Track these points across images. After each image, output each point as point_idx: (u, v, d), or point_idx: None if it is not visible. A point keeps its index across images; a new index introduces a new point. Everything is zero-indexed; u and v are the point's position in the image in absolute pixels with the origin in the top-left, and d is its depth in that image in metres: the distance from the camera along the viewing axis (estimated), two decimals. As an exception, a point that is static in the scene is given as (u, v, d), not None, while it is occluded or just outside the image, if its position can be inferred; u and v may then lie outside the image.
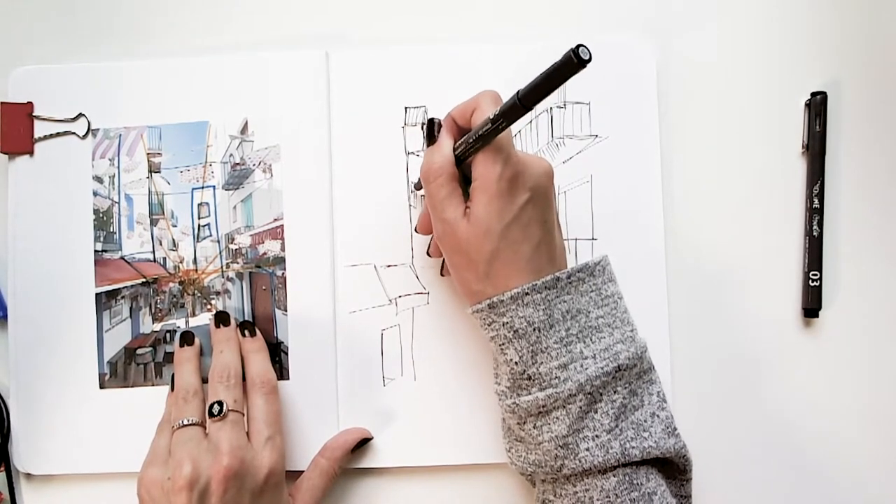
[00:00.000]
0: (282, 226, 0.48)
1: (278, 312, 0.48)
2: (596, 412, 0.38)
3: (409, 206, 0.49)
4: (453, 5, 0.50)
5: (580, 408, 0.38)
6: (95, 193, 0.49)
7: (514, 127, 0.48)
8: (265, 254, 0.48)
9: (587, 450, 0.38)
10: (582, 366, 0.39)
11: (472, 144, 0.39)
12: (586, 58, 0.32)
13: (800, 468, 0.48)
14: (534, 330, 0.39)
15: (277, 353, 0.48)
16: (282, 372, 0.48)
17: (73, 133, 0.49)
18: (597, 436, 0.38)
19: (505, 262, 0.39)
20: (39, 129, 0.49)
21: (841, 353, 0.48)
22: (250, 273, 0.49)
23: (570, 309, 0.40)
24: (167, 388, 0.47)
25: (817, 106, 0.48)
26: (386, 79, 0.49)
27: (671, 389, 0.47)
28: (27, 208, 0.49)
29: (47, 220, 0.49)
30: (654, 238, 0.48)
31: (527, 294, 0.39)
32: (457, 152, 0.40)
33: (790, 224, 0.49)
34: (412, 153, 0.49)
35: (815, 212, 0.48)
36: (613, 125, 0.48)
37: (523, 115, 0.36)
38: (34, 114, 0.49)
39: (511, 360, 0.40)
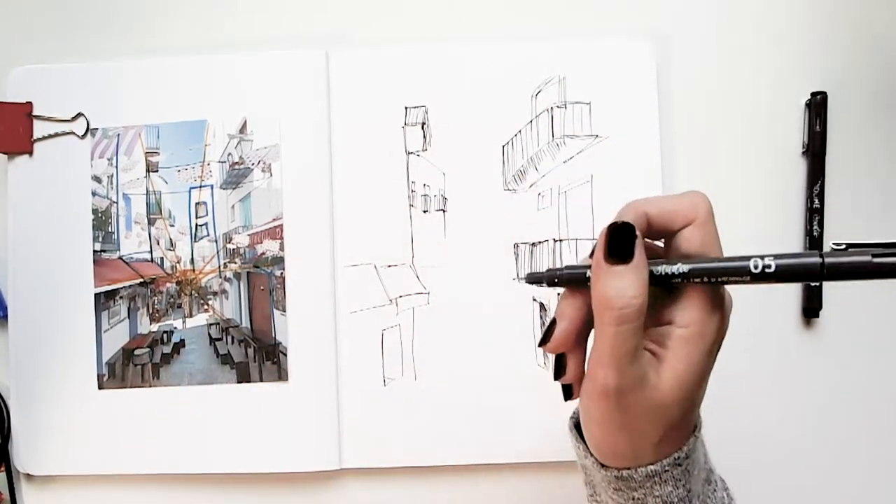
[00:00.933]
0: (281, 225, 0.48)
1: (276, 313, 0.48)
2: None
3: (409, 205, 0.48)
4: (453, 5, 0.50)
5: None
6: (94, 193, 0.49)
7: (514, 126, 0.48)
8: (263, 254, 0.48)
9: None
10: None
11: (696, 278, 0.29)
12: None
13: (799, 467, 0.48)
14: None
15: (276, 354, 0.48)
16: (280, 373, 0.47)
17: (72, 133, 0.49)
18: None
19: (683, 426, 0.31)
20: (38, 128, 0.49)
21: (841, 353, 0.48)
22: (248, 273, 0.48)
23: (700, 473, 0.32)
24: (165, 389, 0.47)
25: (817, 106, 0.48)
26: (386, 79, 0.49)
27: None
28: (27, 208, 0.49)
29: (47, 221, 0.49)
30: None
31: (667, 471, 0.30)
32: (657, 273, 0.29)
33: (790, 224, 0.49)
34: (412, 153, 0.49)
35: (815, 212, 0.48)
36: (613, 125, 0.48)
37: (803, 282, 0.30)
38: (33, 113, 0.49)
39: None
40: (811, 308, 0.48)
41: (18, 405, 0.48)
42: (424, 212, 0.48)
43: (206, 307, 0.49)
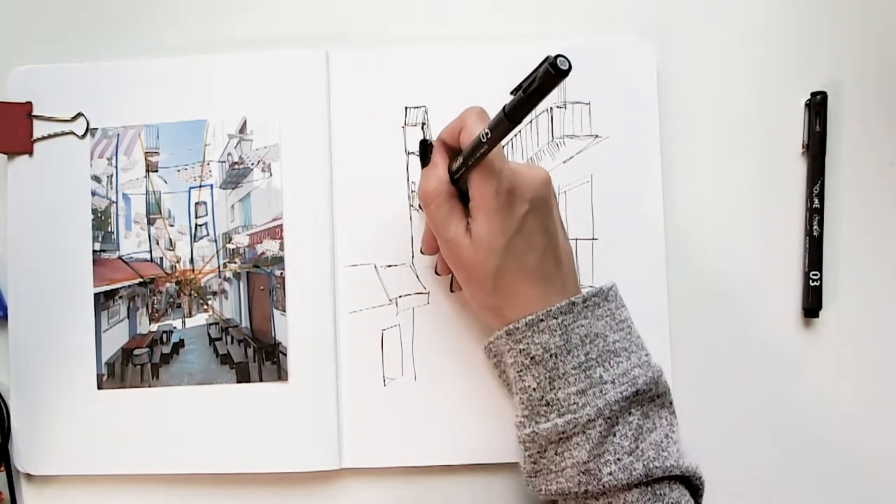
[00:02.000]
0: (280, 225, 0.48)
1: (276, 313, 0.48)
2: (615, 435, 0.38)
3: (409, 206, 0.48)
4: (454, 5, 0.50)
5: (600, 433, 0.38)
6: (94, 193, 0.49)
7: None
8: (263, 253, 0.48)
9: (610, 474, 0.38)
10: (601, 391, 0.39)
11: (464, 163, 0.39)
12: (565, 68, 0.31)
13: (800, 467, 0.48)
14: (550, 356, 0.39)
15: (276, 354, 0.48)
16: (280, 373, 0.47)
17: (72, 133, 0.49)
18: (618, 459, 0.38)
19: (511, 275, 0.39)
20: (38, 128, 0.49)
21: (841, 353, 0.48)
22: (248, 273, 0.48)
23: (588, 333, 0.40)
24: (164, 389, 0.47)
25: (817, 106, 0.48)
26: (386, 79, 0.49)
27: (671, 389, 0.46)
28: (27, 208, 0.49)
29: (47, 221, 0.49)
30: (654, 238, 0.48)
31: (542, 320, 0.39)
32: (452, 171, 0.40)
33: (790, 224, 0.49)
34: (412, 153, 0.49)
35: (815, 212, 0.48)
36: (613, 125, 0.48)
37: (512, 129, 0.35)
38: (33, 113, 0.49)
39: (529, 386, 0.40)
40: (811, 308, 0.48)
41: (18, 405, 0.48)
42: (424, 212, 0.48)
43: (205, 307, 0.49)
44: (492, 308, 0.41)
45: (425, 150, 0.42)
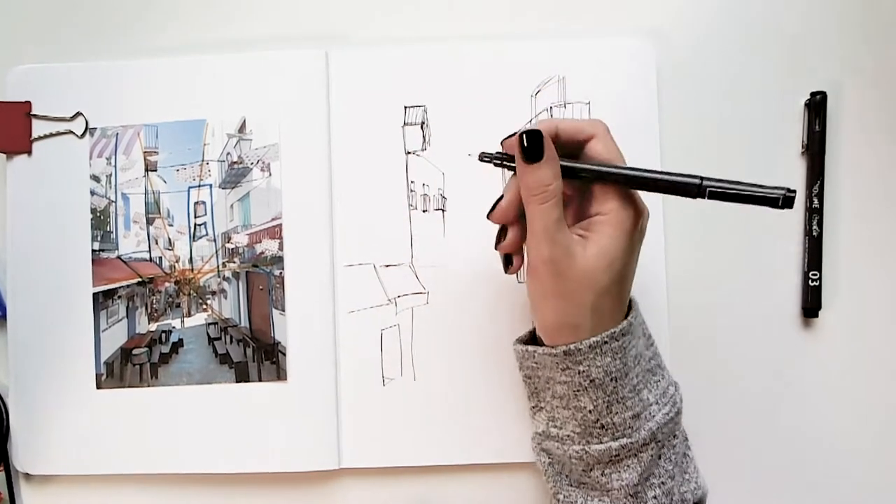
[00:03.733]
0: (280, 225, 0.48)
1: (275, 312, 0.48)
2: (660, 458, 0.39)
3: (409, 205, 0.48)
4: (453, 5, 0.50)
5: (651, 456, 0.38)
6: (93, 192, 0.49)
7: (514, 126, 0.48)
8: (262, 253, 0.48)
9: (654, 497, 0.38)
10: (650, 413, 0.39)
11: (600, 177, 0.37)
12: (789, 206, 0.35)
13: (798, 468, 0.48)
14: (611, 379, 0.38)
15: (275, 354, 0.48)
16: (279, 373, 0.47)
17: (71, 132, 0.49)
18: (663, 483, 0.38)
19: (614, 298, 0.38)
20: (37, 128, 0.49)
21: (841, 353, 0.48)
22: (247, 273, 0.48)
23: (636, 353, 0.39)
24: (163, 389, 0.47)
25: (817, 106, 0.48)
26: (386, 79, 0.49)
27: (671, 390, 0.47)
28: (25, 208, 0.49)
29: (45, 220, 0.49)
30: (653, 237, 0.48)
31: (606, 343, 0.37)
32: (569, 170, 0.38)
33: (790, 224, 0.49)
34: (412, 153, 0.49)
35: (815, 212, 0.48)
36: (613, 125, 0.48)
37: (689, 197, 0.37)
38: (32, 113, 0.49)
39: (584, 407, 0.38)
40: (811, 308, 0.48)
41: (17, 404, 0.48)
42: (424, 211, 0.48)
43: (204, 307, 0.49)
44: (571, 327, 0.38)
45: (537, 140, 0.37)
